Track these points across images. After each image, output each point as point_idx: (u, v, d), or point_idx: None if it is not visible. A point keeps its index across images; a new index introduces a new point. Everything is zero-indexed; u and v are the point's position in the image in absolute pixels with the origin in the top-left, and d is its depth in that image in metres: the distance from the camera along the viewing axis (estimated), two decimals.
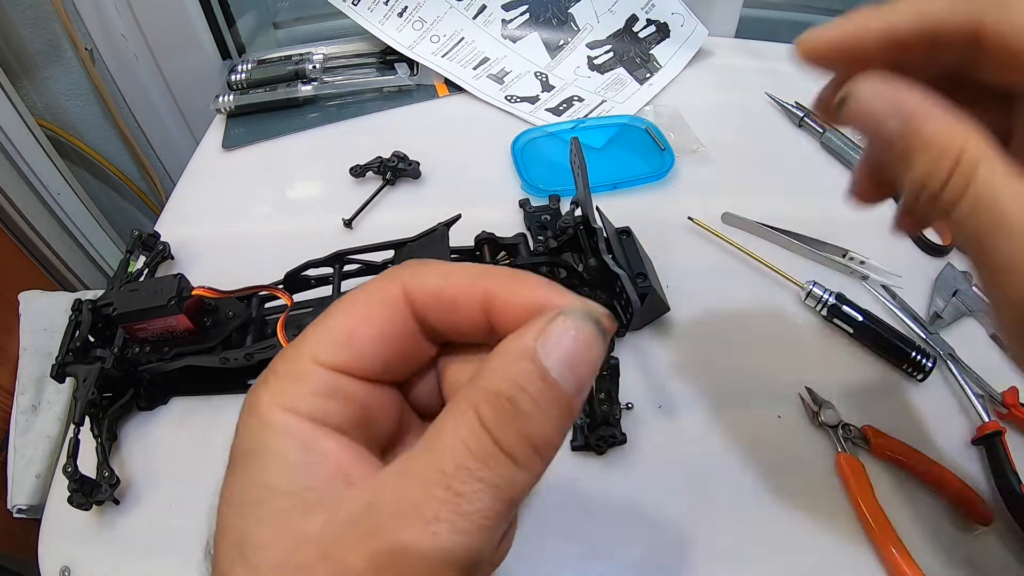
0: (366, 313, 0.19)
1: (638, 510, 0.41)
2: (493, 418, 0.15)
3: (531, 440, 0.15)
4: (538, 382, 0.15)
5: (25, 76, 0.85)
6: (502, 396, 0.15)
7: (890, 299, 0.52)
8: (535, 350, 0.16)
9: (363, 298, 0.19)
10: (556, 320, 0.16)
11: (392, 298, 0.19)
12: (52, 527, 0.40)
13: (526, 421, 0.15)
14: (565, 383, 0.16)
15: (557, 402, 0.16)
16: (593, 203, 0.45)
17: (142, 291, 0.41)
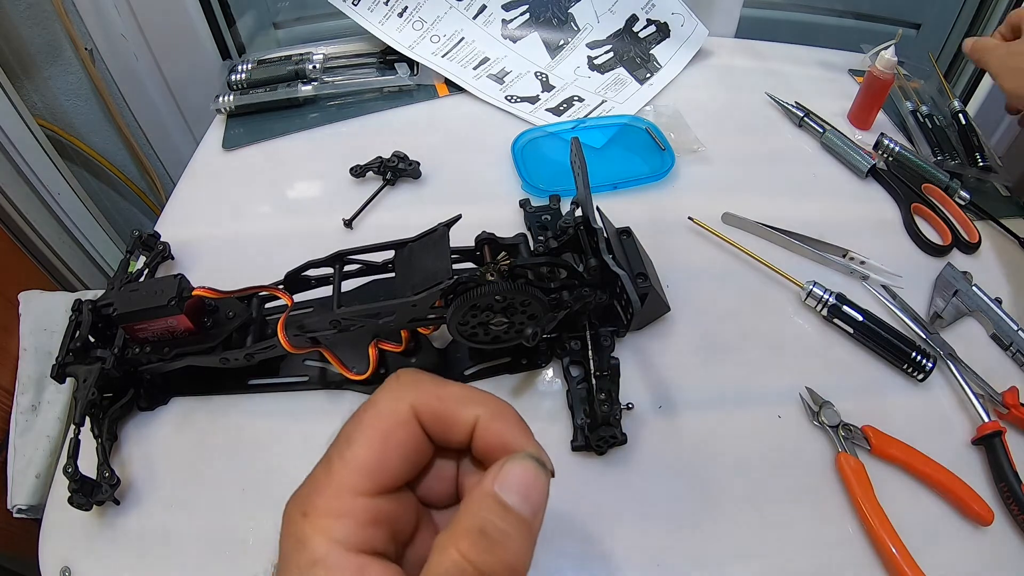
0: (388, 436, 0.22)
1: (638, 510, 0.41)
2: (471, 549, 0.19)
3: (504, 561, 0.19)
4: (501, 512, 0.20)
5: (25, 76, 0.85)
6: (474, 531, 0.19)
7: (890, 299, 0.52)
8: (495, 490, 0.20)
9: (379, 422, 0.22)
10: (506, 465, 0.21)
11: (406, 420, 0.22)
12: (52, 527, 0.40)
13: (498, 546, 0.19)
14: (522, 509, 0.20)
15: (519, 525, 0.20)
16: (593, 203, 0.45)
17: (142, 291, 0.41)
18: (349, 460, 0.21)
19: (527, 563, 0.20)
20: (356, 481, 0.21)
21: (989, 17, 0.78)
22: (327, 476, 0.21)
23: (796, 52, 0.80)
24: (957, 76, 0.84)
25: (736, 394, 0.46)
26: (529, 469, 0.21)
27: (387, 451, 0.22)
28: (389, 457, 0.22)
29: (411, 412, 0.22)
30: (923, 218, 0.59)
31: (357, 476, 0.21)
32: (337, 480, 0.21)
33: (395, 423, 0.22)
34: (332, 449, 0.22)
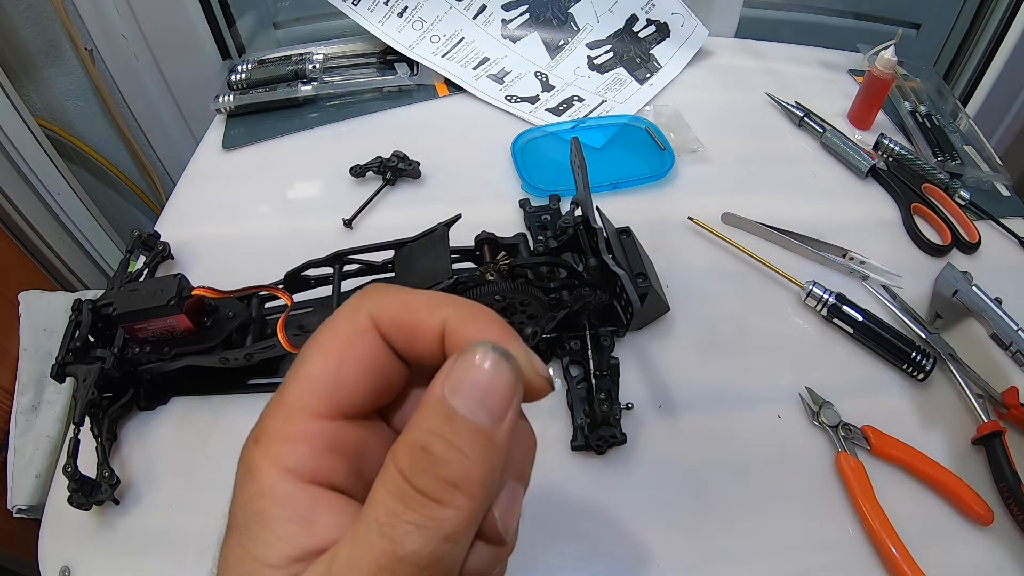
0: (344, 350, 0.19)
1: (638, 510, 0.41)
2: (409, 466, 0.16)
3: (449, 479, 0.16)
4: (447, 424, 0.16)
5: (25, 76, 0.85)
6: (416, 446, 0.16)
7: (890, 299, 0.52)
8: (443, 395, 0.16)
9: (334, 336, 0.19)
10: (457, 361, 0.17)
11: (363, 329, 0.19)
12: (52, 527, 0.40)
13: (441, 465, 0.16)
14: (476, 417, 0.16)
15: (471, 437, 0.16)
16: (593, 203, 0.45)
17: (142, 291, 0.41)
18: (302, 378, 0.18)
19: (485, 481, 0.16)
20: (310, 401, 0.18)
21: (989, 17, 0.78)
22: (279, 399, 0.19)
23: (796, 52, 0.80)
24: (957, 76, 0.84)
25: (736, 394, 0.46)
26: (486, 364, 0.17)
27: (344, 366, 0.18)
28: (347, 372, 0.18)
29: (369, 321, 0.19)
30: (923, 218, 0.59)
31: (310, 396, 0.18)
32: (289, 401, 0.18)
33: (352, 334, 0.19)
34: (289, 369, 0.19)
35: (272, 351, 0.42)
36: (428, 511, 0.16)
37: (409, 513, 0.16)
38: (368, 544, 0.16)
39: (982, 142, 0.68)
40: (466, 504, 0.16)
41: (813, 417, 0.45)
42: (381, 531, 0.16)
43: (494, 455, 0.17)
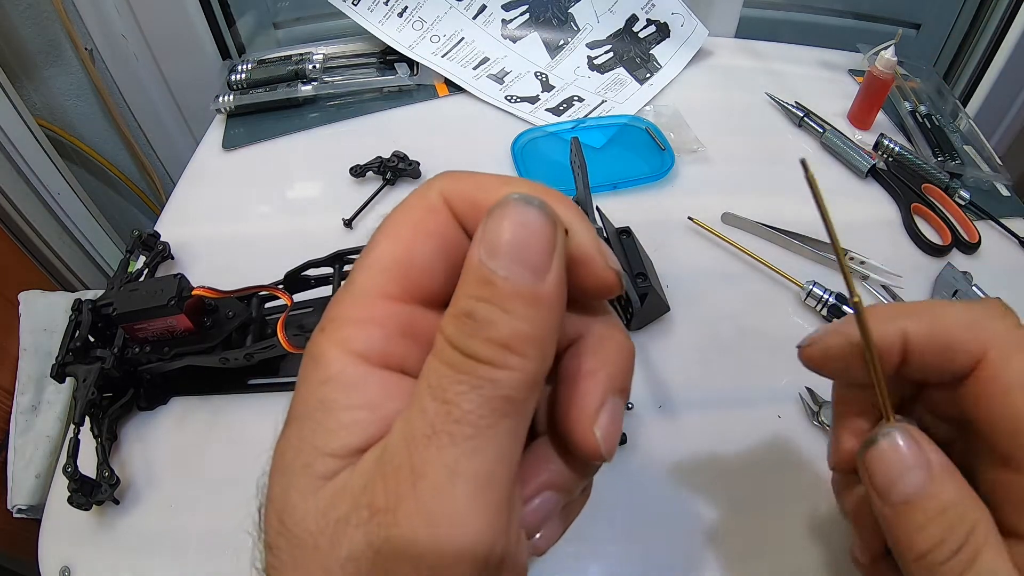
0: (415, 228, 0.17)
1: (638, 510, 0.41)
2: (455, 334, 0.15)
3: (499, 341, 0.15)
4: (487, 288, 0.15)
5: (25, 76, 0.85)
6: (460, 314, 0.16)
7: (890, 299, 0.52)
8: (479, 258, 0.15)
9: (403, 216, 0.18)
10: (487, 220, 0.16)
11: (435, 206, 0.18)
12: (52, 527, 0.40)
13: (487, 327, 0.15)
14: (518, 276, 0.15)
15: (515, 296, 0.15)
16: (593, 203, 0.45)
17: (142, 291, 0.41)
18: (371, 262, 0.17)
19: (538, 338, 0.15)
20: (380, 282, 0.17)
21: (989, 17, 0.78)
22: (347, 288, 0.17)
23: (796, 52, 0.80)
24: (957, 76, 0.84)
25: (736, 394, 0.46)
26: (519, 216, 0.16)
27: (416, 245, 0.17)
28: (418, 252, 0.17)
29: (441, 199, 0.18)
30: (923, 218, 0.59)
31: (381, 277, 0.17)
32: (358, 286, 0.17)
33: (423, 212, 0.18)
34: (355, 262, 0.18)
35: (272, 351, 0.42)
36: (481, 372, 0.15)
37: (461, 376, 0.15)
38: (421, 409, 0.15)
39: (982, 142, 0.68)
40: (520, 364, 0.15)
41: (813, 417, 0.45)
42: (433, 395, 0.15)
43: (544, 311, 0.16)
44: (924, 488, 0.19)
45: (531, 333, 0.15)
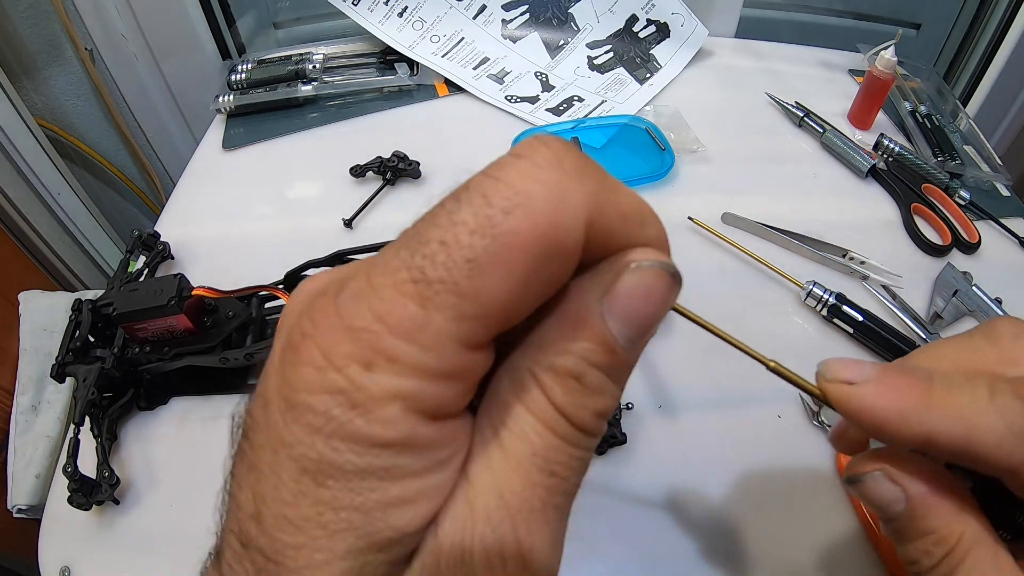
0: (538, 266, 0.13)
1: (638, 510, 0.41)
2: (565, 400, 0.14)
3: (601, 412, 0.15)
4: (605, 355, 0.14)
5: (25, 76, 0.85)
6: (569, 375, 0.14)
7: (890, 299, 0.52)
8: (602, 316, 0.14)
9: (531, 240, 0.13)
10: (625, 277, 0.14)
11: (575, 245, 0.13)
12: (52, 527, 0.40)
13: (597, 397, 0.14)
14: (632, 349, 0.14)
15: (623, 367, 0.14)
16: None
17: (142, 291, 0.41)
18: (466, 291, 0.12)
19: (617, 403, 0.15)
20: (472, 329, 0.13)
21: (989, 17, 0.78)
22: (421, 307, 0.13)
23: (796, 52, 0.80)
24: (957, 76, 0.84)
25: (736, 394, 0.46)
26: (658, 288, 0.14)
27: (531, 285, 0.13)
28: (529, 295, 0.13)
29: (583, 227, 0.13)
30: (923, 218, 0.59)
31: (474, 322, 0.13)
32: (438, 318, 0.13)
33: (558, 249, 0.13)
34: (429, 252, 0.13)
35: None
36: (588, 444, 0.15)
37: (572, 450, 0.14)
38: (528, 481, 0.14)
39: (982, 142, 0.68)
40: (603, 430, 0.15)
41: (813, 417, 0.45)
42: (540, 466, 0.14)
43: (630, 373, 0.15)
44: (904, 516, 0.20)
45: (617, 402, 0.15)
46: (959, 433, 0.18)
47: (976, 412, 0.18)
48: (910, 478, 0.20)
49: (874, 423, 0.19)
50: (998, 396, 0.18)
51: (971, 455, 0.18)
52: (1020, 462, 0.18)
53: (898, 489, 0.21)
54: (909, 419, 0.19)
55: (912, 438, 0.19)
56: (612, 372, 0.14)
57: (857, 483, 0.22)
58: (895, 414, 0.19)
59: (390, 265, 0.13)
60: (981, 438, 0.18)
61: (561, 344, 0.14)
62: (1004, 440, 0.18)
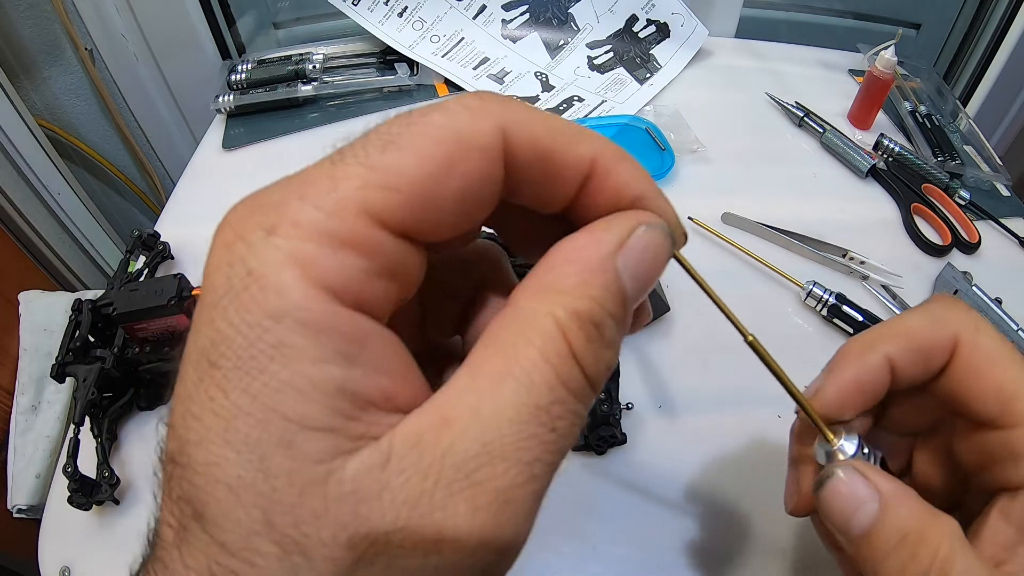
0: (453, 157, 0.13)
1: (638, 510, 0.41)
2: (586, 348, 0.13)
3: (609, 367, 0.14)
4: (620, 306, 0.14)
5: (25, 76, 0.85)
6: (590, 322, 0.14)
7: (890, 299, 0.52)
8: (617, 268, 0.14)
9: (448, 135, 0.14)
10: (639, 232, 0.15)
11: (489, 145, 0.14)
12: (52, 527, 0.40)
13: (610, 350, 0.14)
14: (633, 306, 0.15)
15: (625, 328, 0.15)
16: None
17: (142, 291, 0.41)
18: (379, 167, 0.13)
19: None
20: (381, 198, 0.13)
21: (989, 17, 0.78)
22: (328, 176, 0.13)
23: (796, 52, 0.80)
24: (957, 76, 0.84)
25: (736, 394, 0.46)
26: (663, 250, 0.15)
27: (449, 176, 0.13)
28: (448, 185, 0.13)
29: (500, 136, 0.14)
30: (923, 218, 0.59)
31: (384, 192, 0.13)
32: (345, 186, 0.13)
33: (473, 142, 0.14)
34: (349, 147, 0.14)
35: None
36: (588, 402, 0.14)
37: (577, 405, 0.13)
38: (527, 433, 0.13)
39: (982, 142, 0.68)
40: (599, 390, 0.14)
41: None
42: (541, 422, 0.13)
43: None
44: (879, 518, 0.19)
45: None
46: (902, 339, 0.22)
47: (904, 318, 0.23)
48: (880, 475, 0.20)
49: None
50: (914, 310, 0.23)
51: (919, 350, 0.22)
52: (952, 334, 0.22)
53: (869, 486, 0.20)
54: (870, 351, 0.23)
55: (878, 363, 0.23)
56: (622, 324, 0.14)
57: (822, 488, 0.21)
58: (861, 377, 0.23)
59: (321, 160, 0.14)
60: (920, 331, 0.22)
61: (581, 289, 0.14)
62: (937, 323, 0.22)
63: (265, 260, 0.12)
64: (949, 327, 0.21)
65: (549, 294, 0.14)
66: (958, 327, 0.22)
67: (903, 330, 0.22)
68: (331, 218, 0.12)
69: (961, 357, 0.21)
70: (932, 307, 0.23)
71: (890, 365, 0.22)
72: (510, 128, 0.14)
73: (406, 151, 0.13)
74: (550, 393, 0.13)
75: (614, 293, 0.14)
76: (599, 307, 0.14)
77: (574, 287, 0.14)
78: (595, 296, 0.14)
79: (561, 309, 0.13)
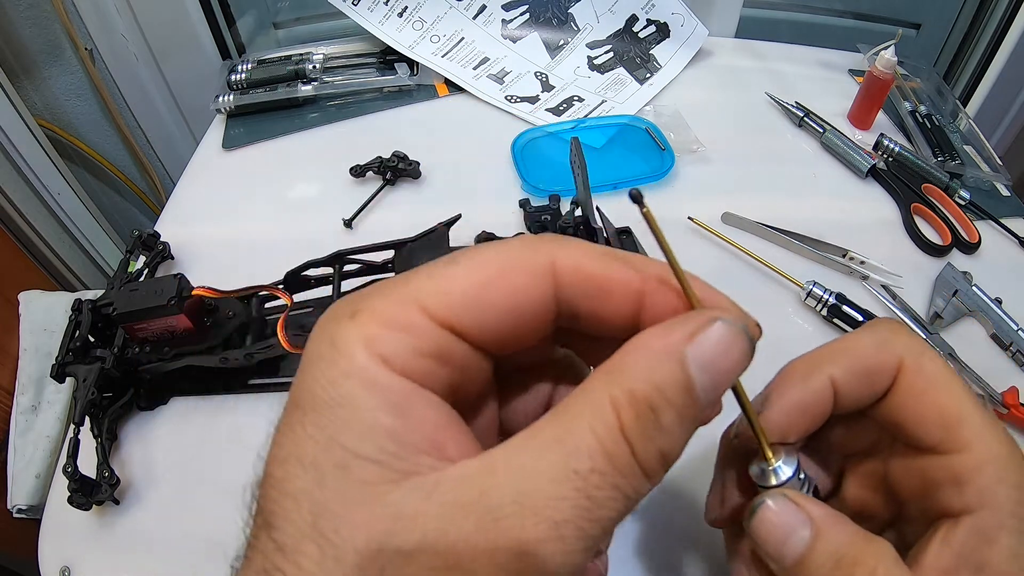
0: (502, 275, 0.16)
1: (638, 510, 0.41)
2: (635, 427, 0.14)
3: (665, 455, 0.15)
4: (683, 395, 0.15)
5: (25, 76, 0.85)
6: (644, 403, 0.14)
7: (890, 299, 0.52)
8: (685, 355, 0.15)
9: (500, 258, 0.16)
10: (713, 326, 0.16)
11: (537, 268, 0.16)
12: (52, 527, 0.40)
13: (665, 436, 0.15)
14: (705, 397, 0.15)
15: (694, 416, 0.15)
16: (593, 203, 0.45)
17: (142, 291, 0.41)
18: (438, 276, 0.16)
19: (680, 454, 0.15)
20: (434, 301, 0.16)
21: (989, 17, 0.78)
22: (402, 283, 0.16)
23: (796, 52, 0.80)
24: (957, 76, 0.84)
25: None
26: (739, 346, 0.16)
27: (500, 288, 0.16)
28: (493, 298, 0.16)
29: (548, 264, 0.16)
30: (923, 218, 0.59)
31: (439, 296, 0.16)
32: (411, 288, 0.16)
33: (521, 265, 0.16)
34: (427, 264, 0.17)
35: (272, 351, 0.42)
36: (638, 483, 0.14)
37: (620, 480, 0.14)
38: (559, 495, 0.14)
39: (982, 142, 0.68)
40: (661, 479, 0.15)
41: None
42: (576, 487, 0.14)
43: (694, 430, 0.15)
44: (812, 544, 0.19)
45: (680, 452, 0.15)
46: (846, 360, 0.22)
47: (848, 340, 0.23)
48: (811, 501, 0.20)
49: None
50: (858, 332, 0.23)
51: (862, 372, 0.22)
52: (896, 357, 0.22)
53: (800, 512, 0.20)
54: (814, 371, 0.23)
55: (821, 384, 0.23)
56: (685, 416, 0.15)
57: (753, 516, 0.21)
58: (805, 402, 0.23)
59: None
60: (863, 354, 0.22)
61: (643, 373, 0.15)
62: (881, 346, 0.22)
63: (344, 335, 0.16)
64: (894, 350, 0.21)
65: (613, 375, 0.15)
66: (903, 350, 0.21)
67: (848, 351, 0.22)
68: (393, 308, 0.16)
69: (904, 381, 0.21)
70: (877, 329, 0.23)
71: (834, 387, 0.22)
72: (559, 255, 0.17)
73: (463, 266, 0.16)
74: (589, 461, 0.14)
75: (678, 381, 0.15)
76: (657, 392, 0.15)
77: (638, 371, 0.15)
78: (656, 381, 0.15)
79: (618, 388, 0.15)
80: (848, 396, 0.22)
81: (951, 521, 0.20)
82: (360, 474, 0.14)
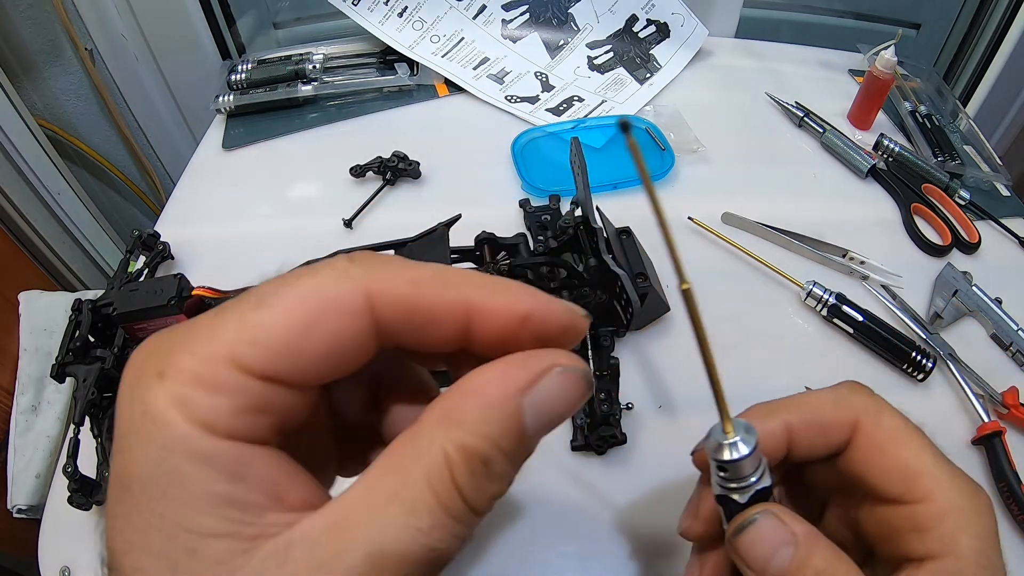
0: (315, 317, 0.15)
1: (638, 510, 0.41)
2: (469, 482, 0.15)
3: (497, 496, 0.16)
4: (516, 443, 0.15)
5: (25, 76, 0.85)
6: (477, 458, 0.15)
7: (890, 299, 0.52)
8: (521, 406, 0.15)
9: (313, 296, 0.15)
10: (551, 375, 0.16)
11: (351, 306, 0.15)
12: (52, 527, 0.40)
13: (497, 483, 0.15)
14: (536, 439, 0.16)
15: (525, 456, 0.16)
16: (593, 203, 0.45)
17: (142, 291, 0.41)
18: (249, 324, 0.15)
19: None
20: (243, 352, 0.15)
21: (989, 17, 0.78)
22: (207, 334, 0.15)
23: (796, 52, 0.80)
24: (957, 76, 0.84)
25: (736, 394, 0.46)
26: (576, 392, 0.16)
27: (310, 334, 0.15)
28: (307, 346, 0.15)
29: (363, 300, 0.15)
30: (923, 218, 0.59)
31: (248, 346, 0.15)
32: (218, 341, 0.15)
33: (333, 303, 0.15)
34: (231, 303, 0.15)
35: None
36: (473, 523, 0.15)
37: (458, 528, 0.15)
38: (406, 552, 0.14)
39: (982, 142, 0.68)
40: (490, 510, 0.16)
41: None
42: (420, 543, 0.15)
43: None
44: (795, 561, 0.20)
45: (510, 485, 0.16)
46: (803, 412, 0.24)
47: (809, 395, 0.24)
48: (794, 518, 0.21)
49: None
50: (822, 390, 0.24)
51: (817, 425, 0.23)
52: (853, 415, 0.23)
53: (786, 530, 0.20)
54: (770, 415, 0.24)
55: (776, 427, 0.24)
56: (516, 460, 0.16)
57: (740, 533, 0.21)
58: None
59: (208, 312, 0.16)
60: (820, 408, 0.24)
61: (476, 426, 0.15)
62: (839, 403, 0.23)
63: (155, 403, 0.14)
64: (851, 408, 0.23)
65: (447, 424, 0.15)
66: (860, 409, 0.23)
67: (806, 404, 0.23)
68: (204, 366, 0.15)
69: (863, 436, 0.22)
70: (837, 389, 0.24)
71: (788, 432, 0.23)
72: (373, 288, 0.16)
73: (274, 310, 0.15)
74: (430, 517, 0.15)
75: (510, 431, 0.15)
76: (489, 444, 0.15)
77: (471, 422, 0.15)
78: (489, 434, 0.15)
79: (451, 444, 0.15)
80: (802, 445, 0.23)
81: (915, 563, 0.21)
82: (210, 554, 0.14)
